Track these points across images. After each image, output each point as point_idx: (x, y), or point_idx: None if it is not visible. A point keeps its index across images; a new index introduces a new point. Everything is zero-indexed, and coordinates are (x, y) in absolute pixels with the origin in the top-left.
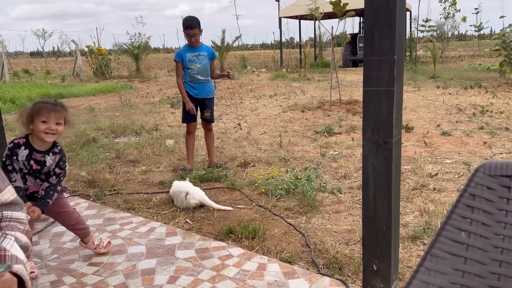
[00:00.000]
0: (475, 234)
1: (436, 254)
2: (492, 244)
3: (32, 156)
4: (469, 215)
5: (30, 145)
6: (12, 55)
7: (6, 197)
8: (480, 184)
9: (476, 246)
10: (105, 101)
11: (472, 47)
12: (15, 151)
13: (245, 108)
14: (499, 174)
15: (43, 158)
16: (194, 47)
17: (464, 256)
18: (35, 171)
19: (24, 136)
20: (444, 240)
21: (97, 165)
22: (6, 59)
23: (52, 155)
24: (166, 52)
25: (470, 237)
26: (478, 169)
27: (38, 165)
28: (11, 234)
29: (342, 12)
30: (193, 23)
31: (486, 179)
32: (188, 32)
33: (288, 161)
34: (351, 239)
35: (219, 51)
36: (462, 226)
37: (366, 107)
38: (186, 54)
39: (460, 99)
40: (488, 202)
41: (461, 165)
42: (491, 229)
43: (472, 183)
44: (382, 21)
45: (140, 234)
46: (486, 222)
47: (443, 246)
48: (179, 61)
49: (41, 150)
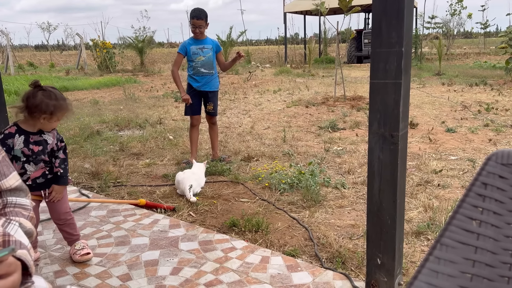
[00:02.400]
0: (486, 223)
1: (446, 243)
2: (504, 233)
3: (30, 139)
4: (480, 204)
5: (23, 130)
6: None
7: (11, 183)
8: (492, 173)
9: (487, 236)
10: (109, 95)
11: (478, 45)
12: (6, 142)
13: (249, 103)
14: (511, 162)
15: (41, 138)
16: (198, 40)
17: (475, 245)
18: (37, 153)
19: (13, 124)
20: (455, 229)
21: (101, 157)
22: (11, 52)
23: (48, 132)
24: (170, 47)
25: (481, 226)
26: (490, 158)
27: (40, 145)
28: (15, 220)
29: (347, 7)
30: (200, 14)
31: (498, 168)
32: (194, 22)
33: (292, 156)
34: (355, 233)
35: (223, 46)
36: (473, 215)
37: (373, 100)
38: (191, 47)
39: (465, 97)
40: (500, 191)
41: (465, 161)
42: (503, 218)
43: (483, 171)
44: (390, 13)
45: (143, 226)
46: (497, 211)
47: (454, 235)
48: (182, 53)
49: (35, 131)
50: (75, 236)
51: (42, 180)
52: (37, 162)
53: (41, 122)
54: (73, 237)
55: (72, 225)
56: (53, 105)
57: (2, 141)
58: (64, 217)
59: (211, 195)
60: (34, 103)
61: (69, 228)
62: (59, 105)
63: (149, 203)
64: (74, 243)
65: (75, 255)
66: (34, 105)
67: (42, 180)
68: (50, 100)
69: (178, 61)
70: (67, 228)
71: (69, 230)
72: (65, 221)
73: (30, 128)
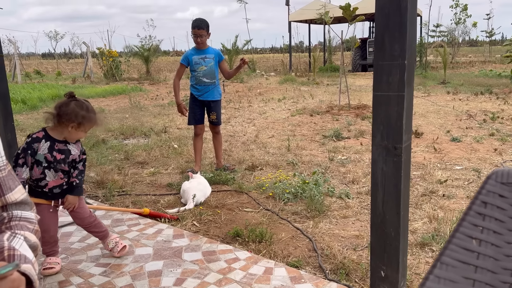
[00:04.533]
0: (486, 242)
1: (446, 262)
2: (504, 252)
3: (55, 146)
4: (480, 223)
5: (50, 137)
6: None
7: (16, 197)
8: (492, 192)
9: (487, 255)
10: (115, 103)
11: (483, 53)
12: (32, 145)
13: (253, 111)
14: (511, 181)
15: (66, 147)
16: (200, 49)
17: (475, 264)
18: (59, 161)
19: (41, 129)
20: (455, 248)
21: (106, 166)
22: (19, 60)
23: (74, 143)
24: (176, 55)
25: (481, 245)
26: (490, 177)
27: (62, 154)
28: (20, 234)
29: (351, 16)
30: (201, 24)
31: (498, 187)
32: (196, 32)
33: (296, 165)
34: (359, 244)
35: (228, 55)
36: (473, 234)
37: (376, 112)
38: (193, 57)
39: (471, 105)
40: (500, 210)
41: (471, 171)
42: (503, 237)
43: (483, 190)
44: (393, 26)
45: (147, 235)
46: (497, 230)
47: (454, 254)
48: (184, 64)
49: (61, 140)
50: (103, 233)
51: (58, 191)
52: (57, 170)
53: (68, 131)
54: (101, 234)
55: (98, 224)
56: (82, 116)
57: (28, 144)
58: (88, 221)
59: (215, 204)
60: (65, 111)
61: (96, 228)
62: (89, 116)
63: (152, 213)
64: (106, 241)
65: (114, 253)
66: (65, 113)
67: (58, 191)
68: (80, 110)
69: (180, 71)
70: (93, 228)
71: (96, 229)
72: (90, 224)
73: (57, 135)
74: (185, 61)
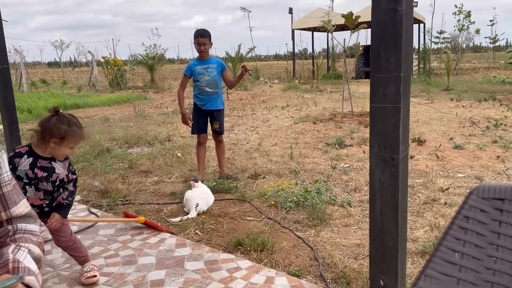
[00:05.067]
0: (468, 255)
1: (430, 274)
2: (485, 265)
3: (37, 163)
4: (462, 236)
5: (34, 153)
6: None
7: (21, 210)
8: (473, 207)
9: (469, 267)
10: (119, 111)
11: (487, 59)
12: (13, 160)
13: (257, 119)
14: (492, 197)
15: (50, 164)
16: (203, 60)
17: (457, 277)
18: (40, 179)
19: (26, 145)
20: (438, 260)
21: (110, 175)
22: (25, 69)
23: (59, 161)
24: (180, 63)
25: (463, 258)
26: (472, 192)
27: (45, 171)
28: (24, 246)
29: (354, 25)
30: (204, 33)
31: (480, 202)
32: (199, 40)
33: (298, 173)
34: (360, 253)
35: (232, 62)
36: (455, 247)
37: (373, 123)
38: (196, 67)
39: (474, 112)
40: (481, 224)
41: (473, 179)
42: (484, 250)
43: (466, 205)
44: (388, 40)
45: (150, 245)
46: (479, 244)
47: (437, 266)
48: (188, 74)
49: (47, 157)
50: (82, 258)
51: (37, 211)
52: (38, 189)
53: (51, 147)
54: (80, 259)
55: (76, 248)
56: (64, 130)
57: (10, 159)
58: (65, 244)
59: (218, 213)
60: (46, 127)
61: (74, 251)
62: (71, 131)
63: (148, 222)
64: (84, 264)
65: (82, 277)
66: (46, 129)
67: (37, 211)
68: (61, 125)
69: (184, 82)
70: (72, 252)
71: (75, 253)
72: (67, 247)
73: (41, 152)
74: (188, 71)
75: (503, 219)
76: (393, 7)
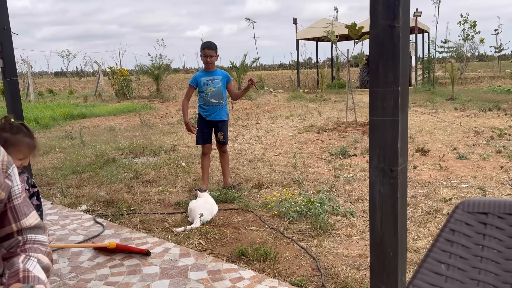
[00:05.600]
0: (453, 266)
1: (417, 284)
2: (469, 276)
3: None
4: (448, 248)
5: None
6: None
7: (31, 221)
8: (459, 220)
9: (455, 278)
10: (125, 121)
11: (493, 68)
12: None
13: (261, 128)
14: (476, 211)
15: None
16: (209, 71)
17: (444, 287)
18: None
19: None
20: (425, 271)
21: (115, 185)
22: (32, 79)
23: None
24: (185, 72)
25: (449, 269)
26: (457, 206)
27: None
28: (34, 256)
29: (357, 35)
30: (211, 45)
31: (465, 216)
32: (205, 52)
33: (301, 183)
34: (362, 263)
35: (237, 72)
36: (442, 258)
37: (372, 135)
38: (201, 78)
39: (478, 122)
40: (466, 237)
41: (476, 189)
42: (469, 262)
43: (452, 219)
44: (386, 55)
45: (154, 254)
46: (464, 256)
47: (424, 277)
48: (193, 85)
49: None
50: None
51: None
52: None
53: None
54: None
55: None
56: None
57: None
58: None
59: (221, 223)
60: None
61: None
62: (14, 139)
63: (120, 246)
64: None
65: None
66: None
67: None
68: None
69: (189, 93)
70: None
71: None
72: None
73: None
74: (194, 82)
75: (487, 232)
76: (390, 23)
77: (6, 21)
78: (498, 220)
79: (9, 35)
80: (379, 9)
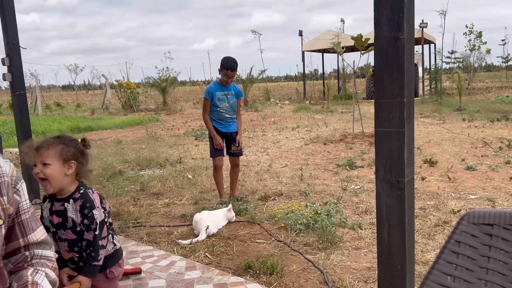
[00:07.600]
0: (459, 278)
1: None
2: None
3: (53, 207)
4: (454, 260)
5: (53, 194)
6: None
7: (38, 237)
8: (464, 232)
9: None
10: (132, 134)
11: (500, 78)
12: (42, 206)
13: (267, 140)
14: (481, 222)
15: (62, 207)
16: (224, 86)
17: None
18: (56, 226)
19: None
20: (431, 283)
21: (122, 197)
22: (40, 93)
23: (72, 201)
24: (192, 85)
25: (455, 281)
26: (463, 218)
27: (59, 216)
28: (42, 270)
29: (363, 47)
30: (235, 66)
31: (470, 227)
32: (229, 74)
33: (308, 195)
34: (370, 276)
35: (243, 84)
36: (448, 270)
37: (378, 147)
38: (217, 92)
39: (486, 133)
40: (471, 249)
41: (485, 201)
42: (475, 274)
43: (457, 230)
44: (391, 67)
45: (160, 267)
46: (470, 268)
47: None
48: (209, 98)
49: (61, 197)
50: None
51: (72, 266)
52: (61, 239)
53: None
54: None
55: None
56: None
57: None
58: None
59: (228, 235)
60: None
61: None
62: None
63: None
64: None
65: None
66: None
67: (73, 266)
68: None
69: (206, 106)
70: None
71: None
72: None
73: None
74: (209, 95)
75: (493, 244)
76: (395, 35)
77: (15, 36)
78: (504, 231)
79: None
80: (383, 21)
